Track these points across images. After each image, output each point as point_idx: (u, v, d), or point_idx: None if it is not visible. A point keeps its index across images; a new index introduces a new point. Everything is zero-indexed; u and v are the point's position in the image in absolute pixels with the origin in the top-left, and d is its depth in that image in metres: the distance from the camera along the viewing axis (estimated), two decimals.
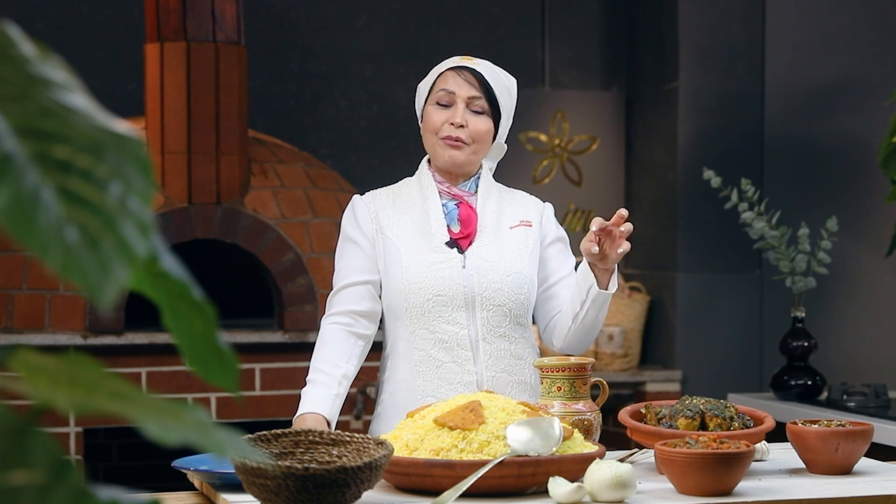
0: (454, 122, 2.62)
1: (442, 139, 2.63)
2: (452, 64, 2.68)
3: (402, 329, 2.61)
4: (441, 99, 2.64)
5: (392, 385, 2.62)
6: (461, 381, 2.54)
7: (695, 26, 4.88)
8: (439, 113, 2.64)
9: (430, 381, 2.55)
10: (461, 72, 2.65)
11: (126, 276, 0.73)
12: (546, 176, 5.26)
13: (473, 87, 2.64)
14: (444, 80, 2.65)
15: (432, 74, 2.70)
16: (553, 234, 2.74)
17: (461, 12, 5.18)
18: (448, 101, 2.64)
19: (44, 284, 4.01)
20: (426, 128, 2.67)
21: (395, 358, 2.63)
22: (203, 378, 0.87)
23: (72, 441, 3.99)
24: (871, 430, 2.29)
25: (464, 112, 2.62)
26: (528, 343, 2.65)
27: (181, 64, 4.13)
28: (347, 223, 2.68)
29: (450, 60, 2.70)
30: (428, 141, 2.68)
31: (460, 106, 2.63)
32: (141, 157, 0.77)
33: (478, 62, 2.68)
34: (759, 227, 4.16)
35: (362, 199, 2.70)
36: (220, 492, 2.10)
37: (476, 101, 2.64)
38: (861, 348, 4.89)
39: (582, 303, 2.56)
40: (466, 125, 2.62)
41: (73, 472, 0.73)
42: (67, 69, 0.80)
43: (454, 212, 2.65)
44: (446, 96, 2.64)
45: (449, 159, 2.64)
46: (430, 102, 2.66)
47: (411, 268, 2.58)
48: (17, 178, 0.71)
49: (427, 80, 2.71)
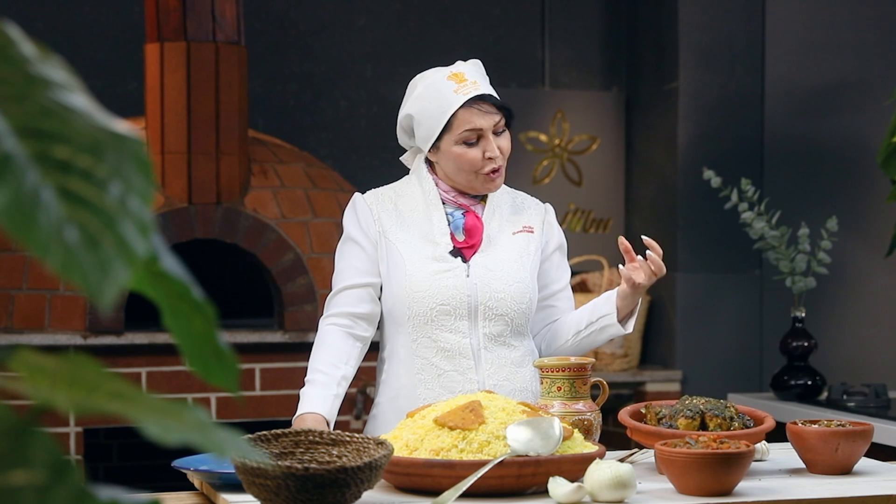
0: (493, 156, 2.57)
1: (484, 174, 2.59)
2: (459, 98, 2.56)
3: (403, 336, 2.60)
4: (469, 139, 2.57)
5: (392, 391, 2.61)
6: (462, 389, 2.54)
7: (695, 26, 4.88)
8: (472, 151, 2.57)
9: (431, 389, 2.55)
10: (478, 104, 2.57)
11: (126, 276, 0.73)
12: (546, 176, 5.26)
13: (493, 113, 2.59)
14: (464, 120, 2.56)
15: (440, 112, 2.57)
16: (555, 241, 2.73)
17: (461, 12, 5.18)
18: (477, 138, 2.58)
19: (44, 284, 4.01)
20: (458, 167, 2.59)
21: (394, 363, 2.62)
22: (203, 378, 0.87)
23: (72, 441, 3.99)
24: (871, 430, 2.29)
25: (493, 140, 2.58)
26: (527, 350, 2.65)
27: (181, 64, 4.13)
28: (349, 223, 2.65)
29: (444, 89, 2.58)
30: (461, 177, 2.60)
31: (490, 137, 2.58)
32: (141, 157, 0.77)
33: (471, 79, 2.59)
34: (759, 227, 4.16)
35: (364, 198, 2.67)
36: (220, 492, 2.10)
37: (498, 123, 2.60)
38: (861, 348, 4.89)
39: (590, 324, 2.59)
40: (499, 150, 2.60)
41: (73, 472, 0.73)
42: (67, 69, 0.80)
43: (460, 221, 2.63)
44: (474, 135, 2.57)
45: (494, 188, 2.63)
46: (455, 142, 2.57)
47: (415, 276, 2.57)
48: (17, 178, 0.71)
49: (431, 120, 2.58)
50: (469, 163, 2.58)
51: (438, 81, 2.60)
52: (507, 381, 2.58)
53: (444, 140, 2.59)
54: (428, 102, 2.59)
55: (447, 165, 2.61)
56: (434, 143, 2.61)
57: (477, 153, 2.57)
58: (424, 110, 2.60)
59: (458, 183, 2.63)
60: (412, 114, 2.62)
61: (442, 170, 2.64)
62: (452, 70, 2.62)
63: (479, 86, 2.59)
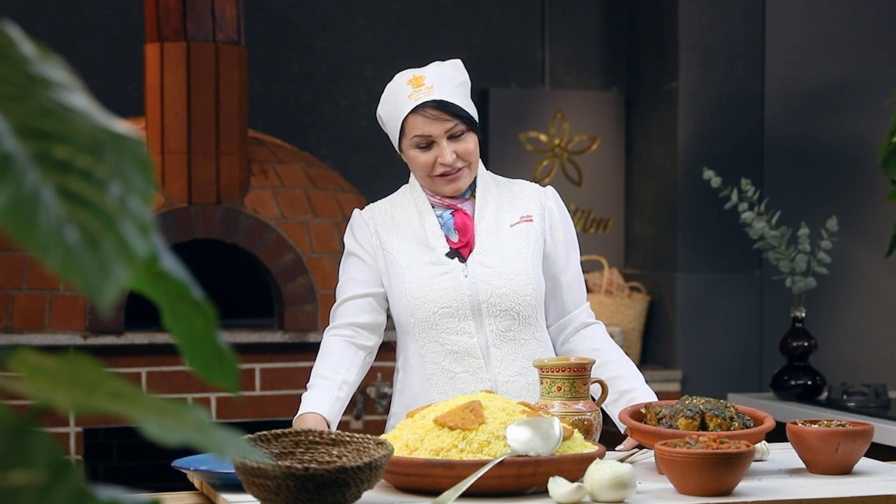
0: (444, 161, 2.57)
1: (438, 177, 2.59)
2: (410, 103, 2.57)
3: (411, 343, 2.61)
4: (419, 143, 2.58)
5: (407, 399, 2.62)
6: (475, 389, 2.52)
7: (695, 26, 4.88)
8: (424, 155, 2.58)
9: (444, 394, 2.54)
10: (423, 110, 2.56)
11: (126, 276, 0.73)
12: (546, 176, 5.26)
13: (443, 119, 2.57)
14: (413, 126, 2.57)
15: (396, 117, 2.60)
16: (560, 228, 2.70)
17: (461, 12, 5.18)
18: (427, 143, 2.58)
19: (44, 284, 4.01)
20: (416, 170, 2.61)
21: (407, 371, 2.64)
22: (203, 378, 0.87)
23: (72, 441, 3.99)
24: (871, 430, 2.29)
25: (447, 146, 2.57)
26: (539, 342, 2.63)
27: (181, 64, 4.13)
28: (348, 240, 2.69)
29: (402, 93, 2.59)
30: (423, 180, 2.63)
31: (442, 143, 2.57)
32: (141, 157, 0.77)
33: (429, 83, 2.58)
34: (759, 227, 4.16)
35: (361, 214, 2.69)
36: (220, 492, 2.10)
37: (452, 129, 2.58)
38: (861, 348, 4.89)
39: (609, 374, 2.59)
40: (456, 154, 2.58)
41: (73, 472, 0.73)
42: (67, 69, 0.80)
43: (450, 221, 2.63)
44: (423, 140, 2.58)
45: (454, 191, 2.62)
46: (410, 146, 2.59)
47: (413, 283, 2.58)
48: (17, 178, 0.71)
49: (392, 123, 2.61)
50: (421, 166, 2.59)
51: (399, 86, 2.62)
52: (519, 377, 2.58)
53: (403, 143, 2.62)
54: (389, 106, 2.63)
55: (411, 168, 2.65)
56: (399, 146, 2.64)
57: (429, 157, 2.58)
58: (386, 114, 2.64)
59: (425, 184, 2.64)
60: (381, 115, 2.67)
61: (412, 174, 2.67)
62: (415, 73, 2.62)
63: (433, 91, 2.57)
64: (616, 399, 2.59)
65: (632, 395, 2.59)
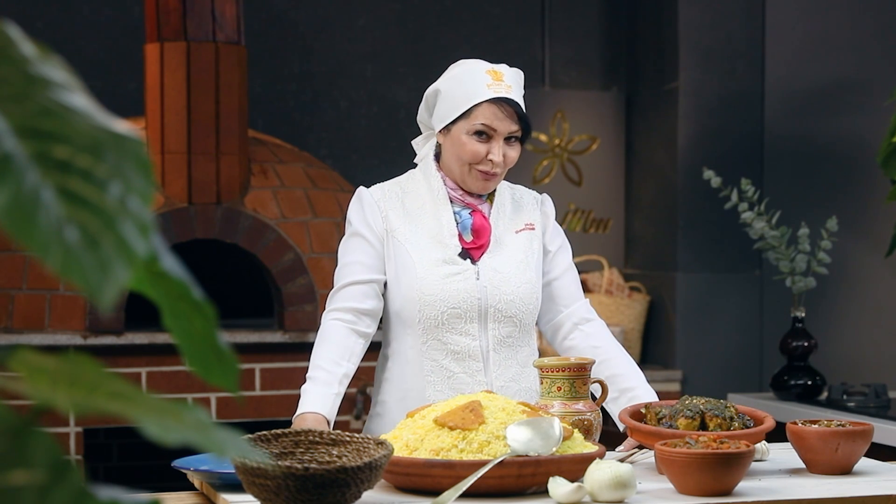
0: (494, 159, 2.57)
1: (478, 171, 2.59)
2: (489, 92, 2.57)
3: (411, 337, 2.59)
4: (480, 132, 2.57)
5: (400, 391, 2.60)
6: (471, 390, 2.52)
7: (695, 26, 4.88)
8: (478, 145, 2.57)
9: (440, 392, 2.54)
10: (503, 106, 2.57)
11: (126, 276, 0.73)
12: (546, 176, 5.26)
13: (513, 121, 2.58)
14: (484, 114, 2.56)
15: (467, 99, 2.58)
16: (551, 232, 2.72)
17: (461, 12, 5.18)
18: (488, 135, 2.58)
19: (44, 284, 4.01)
20: (458, 154, 2.59)
21: (400, 363, 2.61)
22: (203, 378, 0.87)
23: (72, 441, 3.99)
24: (871, 430, 2.29)
25: (502, 146, 2.58)
26: (531, 350, 2.65)
27: (181, 64, 4.13)
28: (355, 216, 2.63)
29: (480, 80, 2.59)
30: (457, 166, 2.61)
31: (500, 142, 2.57)
32: (141, 157, 0.77)
33: (508, 82, 2.60)
34: (759, 227, 4.16)
35: (370, 192, 2.64)
36: (220, 492, 2.10)
37: (514, 132, 2.59)
38: (861, 348, 4.89)
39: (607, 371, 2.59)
40: (504, 157, 2.59)
41: (73, 472, 0.73)
42: (67, 69, 0.80)
43: (468, 221, 2.62)
44: (487, 131, 2.57)
45: (482, 189, 2.62)
46: (466, 131, 2.58)
47: (426, 279, 2.56)
48: (17, 178, 0.71)
49: (456, 102, 2.59)
50: (471, 154, 2.57)
51: (477, 71, 2.61)
52: (513, 382, 2.58)
53: (458, 125, 2.59)
54: (459, 85, 2.60)
55: (450, 150, 2.61)
56: (448, 125, 2.60)
57: (482, 149, 2.57)
58: (452, 91, 2.60)
59: (452, 172, 2.62)
60: (441, 89, 2.62)
61: (445, 156, 2.64)
62: (495, 67, 2.63)
63: (511, 91, 2.59)
64: (617, 397, 2.58)
65: (633, 394, 2.59)
